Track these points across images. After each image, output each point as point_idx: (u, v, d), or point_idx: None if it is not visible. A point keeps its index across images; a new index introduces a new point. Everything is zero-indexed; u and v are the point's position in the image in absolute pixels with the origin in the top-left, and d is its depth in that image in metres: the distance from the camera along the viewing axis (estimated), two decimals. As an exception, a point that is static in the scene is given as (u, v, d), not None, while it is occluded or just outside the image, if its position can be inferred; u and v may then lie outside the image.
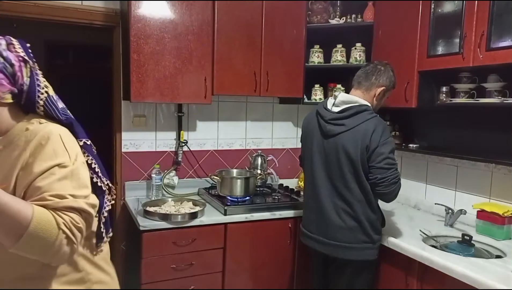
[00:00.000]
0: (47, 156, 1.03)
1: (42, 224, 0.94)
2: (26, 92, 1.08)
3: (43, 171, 1.01)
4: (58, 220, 0.97)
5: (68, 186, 1.03)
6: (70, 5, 2.53)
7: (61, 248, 0.98)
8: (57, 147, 1.05)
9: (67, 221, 0.98)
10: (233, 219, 2.38)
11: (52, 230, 0.95)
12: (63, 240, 0.97)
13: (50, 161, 1.02)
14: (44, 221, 0.95)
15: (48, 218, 0.96)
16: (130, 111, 2.73)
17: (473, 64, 2.01)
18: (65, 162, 1.04)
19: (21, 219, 0.92)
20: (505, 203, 2.17)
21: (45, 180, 1.01)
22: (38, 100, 1.10)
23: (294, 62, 2.77)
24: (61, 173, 1.03)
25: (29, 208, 0.94)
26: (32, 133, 1.06)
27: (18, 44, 1.09)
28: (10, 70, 1.04)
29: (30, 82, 1.09)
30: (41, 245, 0.96)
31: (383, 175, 1.90)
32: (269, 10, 2.64)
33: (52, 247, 0.96)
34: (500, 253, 1.97)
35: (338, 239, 2.01)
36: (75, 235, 1.00)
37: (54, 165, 1.02)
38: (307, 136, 2.20)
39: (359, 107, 2.01)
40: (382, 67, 2.09)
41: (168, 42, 2.42)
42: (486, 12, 1.93)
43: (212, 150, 2.99)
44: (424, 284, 1.88)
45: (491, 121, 2.22)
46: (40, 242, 0.95)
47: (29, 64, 1.09)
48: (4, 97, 1.05)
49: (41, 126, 1.08)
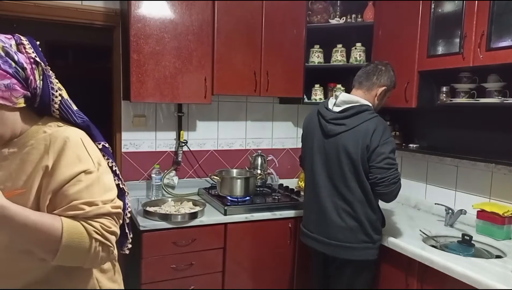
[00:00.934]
0: (71, 162, 1.02)
1: (74, 237, 0.96)
2: (40, 96, 1.06)
3: (70, 178, 1.01)
4: (88, 229, 0.98)
5: (96, 192, 1.03)
6: (70, 5, 2.53)
7: (98, 254, 1.00)
8: (80, 152, 1.05)
9: (98, 228, 1.00)
10: (233, 219, 2.38)
11: (84, 240, 0.98)
12: (97, 247, 1.00)
13: (76, 168, 1.02)
14: (75, 233, 0.97)
15: (79, 229, 0.98)
16: (130, 111, 2.73)
17: (473, 64, 2.01)
18: (90, 168, 1.04)
19: (53, 235, 0.95)
20: (505, 203, 2.17)
21: (73, 187, 1.01)
22: (53, 103, 1.08)
23: (294, 62, 2.76)
24: (88, 180, 1.03)
25: (58, 222, 0.96)
26: (52, 137, 1.04)
27: (28, 44, 1.05)
28: (22, 74, 1.01)
29: (43, 85, 1.06)
30: (78, 255, 0.99)
31: (383, 175, 1.90)
32: (269, 10, 2.64)
33: (88, 254, 0.99)
34: (500, 253, 1.97)
35: (338, 239, 2.01)
36: (109, 239, 1.02)
37: (80, 172, 1.02)
38: (308, 135, 2.20)
39: (360, 107, 2.01)
40: (383, 67, 2.10)
41: (168, 42, 2.42)
42: (486, 12, 1.93)
43: (212, 150, 2.99)
44: (424, 284, 1.88)
45: (491, 121, 2.22)
46: (76, 252, 0.98)
47: (41, 65, 1.06)
48: (17, 102, 1.02)
49: (60, 130, 1.06)
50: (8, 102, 1.00)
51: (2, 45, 0.99)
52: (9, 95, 0.99)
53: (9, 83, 0.98)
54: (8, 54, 0.99)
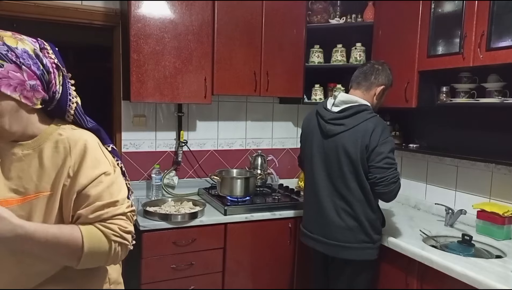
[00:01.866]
0: (92, 164, 1.06)
1: (94, 243, 1.01)
2: (58, 100, 1.09)
3: (92, 179, 1.05)
4: (107, 233, 1.03)
5: (114, 193, 1.08)
6: (70, 5, 2.53)
7: (118, 254, 1.07)
8: (98, 155, 1.09)
9: (116, 230, 1.05)
10: (233, 219, 2.38)
11: (104, 244, 1.03)
12: (117, 247, 1.05)
13: (96, 170, 1.06)
14: (95, 240, 1.02)
15: (97, 235, 1.02)
16: (130, 111, 2.73)
17: (473, 64, 2.01)
18: (109, 170, 1.10)
19: (74, 245, 0.99)
20: (505, 203, 2.17)
21: (96, 188, 1.05)
22: (69, 108, 1.12)
23: (294, 62, 2.77)
24: (107, 181, 1.08)
25: (77, 232, 1.00)
26: (71, 140, 1.07)
27: (51, 50, 1.09)
28: (46, 77, 1.04)
29: (62, 90, 1.09)
30: (100, 258, 1.05)
31: (382, 175, 1.90)
32: (269, 10, 2.64)
33: (109, 256, 1.05)
34: (500, 253, 1.97)
35: (338, 239, 2.01)
36: (126, 239, 1.08)
37: (101, 174, 1.07)
38: (307, 136, 2.20)
39: (359, 106, 2.01)
40: (379, 66, 2.09)
41: (168, 42, 2.42)
42: (486, 12, 1.93)
43: (212, 150, 2.99)
44: (424, 284, 1.88)
45: (491, 121, 2.22)
46: (97, 256, 1.04)
47: (62, 71, 1.10)
48: (36, 103, 1.05)
49: (76, 133, 1.10)
50: (29, 102, 1.02)
51: (33, 48, 1.03)
52: (31, 96, 1.02)
53: (35, 84, 1.02)
54: (38, 57, 1.03)
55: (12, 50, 0.98)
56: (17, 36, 1.03)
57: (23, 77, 0.99)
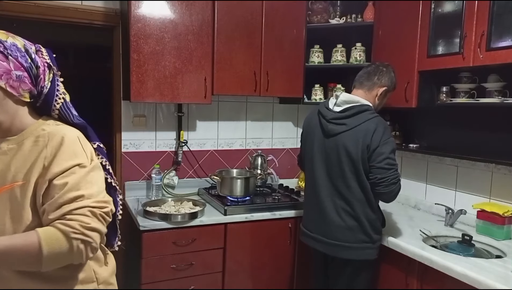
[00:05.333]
0: (67, 156, 1.08)
1: (53, 244, 0.99)
2: (45, 95, 1.15)
3: (65, 170, 1.07)
4: (66, 231, 1.00)
5: (83, 186, 1.07)
6: (70, 5, 2.53)
7: (81, 252, 1.03)
8: (76, 148, 1.11)
9: (76, 227, 1.01)
10: (233, 219, 2.38)
11: (63, 243, 1.00)
12: (79, 245, 1.02)
13: (71, 161, 1.08)
14: (53, 241, 0.99)
15: (55, 235, 1.00)
16: (130, 111, 2.73)
17: (473, 64, 2.01)
18: (84, 163, 1.11)
19: (31, 250, 0.98)
20: (505, 203, 2.17)
21: (66, 178, 1.06)
22: (55, 103, 1.16)
23: (294, 62, 2.76)
24: (81, 173, 1.08)
25: (33, 236, 0.99)
26: (51, 134, 1.10)
27: (46, 52, 1.17)
28: (35, 71, 1.11)
29: (50, 86, 1.15)
30: (63, 258, 1.03)
31: (383, 175, 1.90)
32: (269, 10, 2.64)
33: (72, 254, 1.02)
34: (500, 253, 1.97)
35: (338, 239, 2.01)
36: (89, 235, 1.03)
37: (75, 165, 1.08)
38: (308, 135, 2.20)
39: (361, 107, 2.01)
40: (384, 68, 2.10)
41: (168, 42, 2.42)
42: (486, 12, 1.93)
43: (212, 150, 2.99)
44: (424, 284, 1.88)
45: (491, 121, 2.22)
46: (59, 257, 1.01)
47: (53, 70, 1.17)
48: (23, 95, 1.10)
49: (58, 128, 1.13)
50: (15, 92, 1.08)
51: (24, 43, 1.11)
52: (17, 86, 1.08)
53: (21, 75, 1.08)
54: (27, 51, 1.10)
55: (1, 43, 1.06)
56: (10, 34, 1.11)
57: (9, 66, 1.06)
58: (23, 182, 1.07)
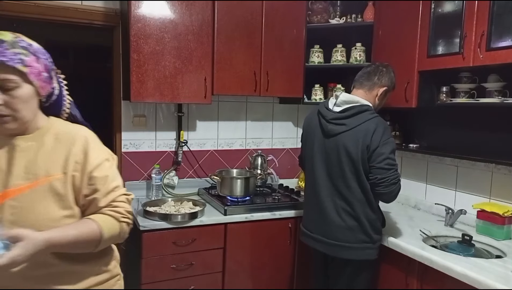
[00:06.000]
0: (97, 152, 1.21)
1: (110, 229, 1.17)
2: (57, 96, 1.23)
3: (99, 164, 1.20)
4: (117, 217, 1.19)
5: (115, 177, 1.24)
6: (70, 5, 2.53)
7: (125, 232, 1.23)
8: (99, 145, 1.25)
9: (124, 213, 1.21)
10: (233, 219, 2.38)
11: (116, 227, 1.19)
12: (125, 227, 1.22)
13: (101, 156, 1.22)
14: (110, 226, 1.17)
15: (111, 221, 1.17)
16: (130, 111, 2.73)
17: (473, 64, 2.00)
18: (109, 157, 1.25)
19: (94, 236, 1.13)
20: (505, 203, 2.17)
21: (104, 171, 1.20)
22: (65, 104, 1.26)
23: (294, 62, 2.76)
24: (112, 166, 1.25)
25: (93, 225, 1.14)
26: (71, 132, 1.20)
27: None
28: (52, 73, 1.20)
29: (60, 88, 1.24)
30: (113, 239, 1.22)
31: (383, 176, 1.90)
32: (269, 10, 2.64)
33: (120, 235, 1.21)
34: (500, 253, 1.97)
35: (338, 239, 2.01)
36: (130, 218, 1.24)
37: (104, 159, 1.22)
38: (308, 135, 2.20)
39: (361, 107, 2.01)
40: (383, 68, 2.10)
41: (168, 42, 2.42)
42: (486, 12, 1.93)
43: (212, 150, 2.99)
44: (424, 284, 1.88)
45: (491, 121, 2.22)
46: (112, 239, 1.20)
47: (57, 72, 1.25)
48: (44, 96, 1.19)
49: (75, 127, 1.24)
50: (42, 92, 1.16)
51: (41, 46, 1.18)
52: (44, 86, 1.16)
53: (47, 76, 1.17)
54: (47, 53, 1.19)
55: (30, 45, 1.13)
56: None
57: (41, 68, 1.14)
58: (62, 174, 1.15)
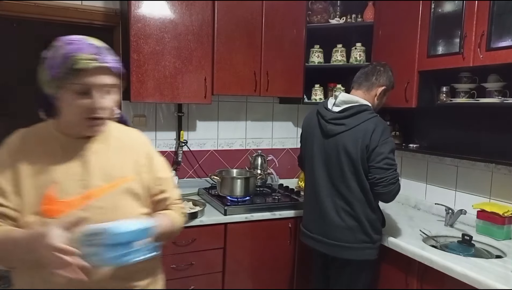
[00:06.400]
0: (157, 155, 1.34)
1: (178, 223, 1.33)
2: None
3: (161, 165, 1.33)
4: (184, 212, 1.38)
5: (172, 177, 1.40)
6: (70, 5, 2.53)
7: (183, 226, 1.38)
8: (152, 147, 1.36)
9: (183, 207, 1.41)
10: (233, 219, 2.38)
11: (183, 221, 1.37)
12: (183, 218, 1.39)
13: (161, 159, 1.35)
14: (178, 221, 1.33)
15: (180, 217, 1.35)
16: (130, 111, 2.73)
17: (473, 64, 2.00)
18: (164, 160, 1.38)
19: (174, 229, 1.30)
20: (505, 203, 2.17)
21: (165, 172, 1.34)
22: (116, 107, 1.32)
23: (294, 62, 2.76)
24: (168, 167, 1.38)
25: (171, 218, 1.29)
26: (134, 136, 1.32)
27: None
28: None
29: None
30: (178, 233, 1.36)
31: (382, 175, 1.90)
32: (269, 10, 2.64)
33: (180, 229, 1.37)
34: (500, 253, 1.97)
35: (338, 239, 2.01)
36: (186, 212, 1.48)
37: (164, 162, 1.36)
38: (308, 136, 2.20)
39: (360, 107, 2.01)
40: (381, 68, 2.10)
41: (168, 42, 2.42)
42: (486, 12, 1.93)
43: (212, 150, 2.99)
44: (424, 284, 1.88)
45: (491, 121, 2.22)
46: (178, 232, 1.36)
47: None
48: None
49: (134, 131, 1.34)
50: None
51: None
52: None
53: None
54: None
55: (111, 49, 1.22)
56: None
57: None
58: (135, 177, 1.22)
